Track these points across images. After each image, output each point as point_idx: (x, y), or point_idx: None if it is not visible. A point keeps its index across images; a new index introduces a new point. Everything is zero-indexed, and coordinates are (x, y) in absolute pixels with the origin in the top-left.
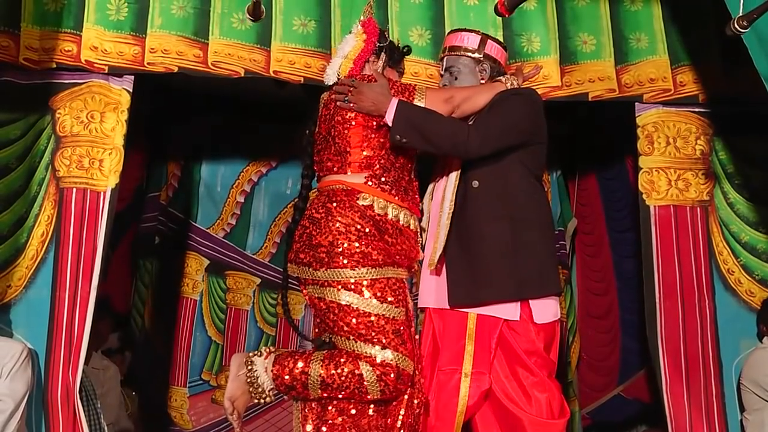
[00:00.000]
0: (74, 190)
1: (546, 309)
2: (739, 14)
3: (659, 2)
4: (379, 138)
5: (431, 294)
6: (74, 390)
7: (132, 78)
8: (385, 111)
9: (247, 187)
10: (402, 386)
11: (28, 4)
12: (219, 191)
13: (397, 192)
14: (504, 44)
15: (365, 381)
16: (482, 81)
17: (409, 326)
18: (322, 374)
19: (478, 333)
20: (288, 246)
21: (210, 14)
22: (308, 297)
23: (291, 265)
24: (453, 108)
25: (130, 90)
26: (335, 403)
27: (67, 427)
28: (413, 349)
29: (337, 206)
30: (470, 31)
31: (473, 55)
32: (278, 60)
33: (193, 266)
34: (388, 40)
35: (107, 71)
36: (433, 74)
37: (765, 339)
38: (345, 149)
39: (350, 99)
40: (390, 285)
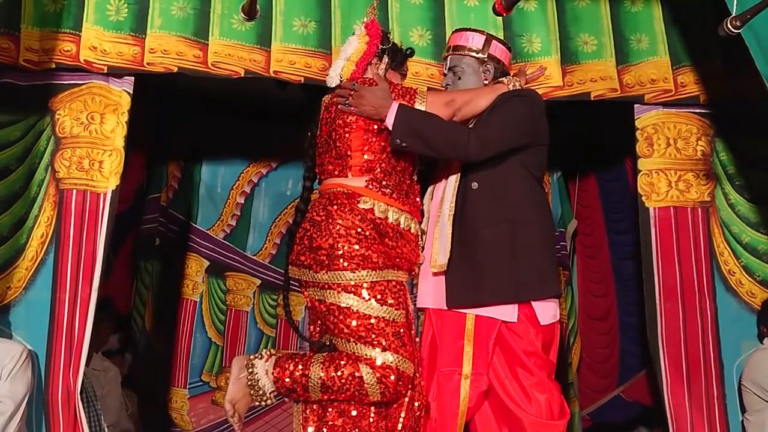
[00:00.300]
0: (74, 192)
1: (545, 311)
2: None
3: (659, 3)
4: (380, 142)
5: (429, 294)
6: (75, 391)
7: (132, 79)
8: (386, 115)
9: (247, 188)
10: (402, 388)
11: (28, 6)
12: (219, 192)
13: (398, 196)
14: (508, 45)
15: (365, 383)
16: (486, 81)
17: (410, 329)
18: (322, 377)
19: (477, 334)
20: (289, 248)
21: (210, 15)
22: (309, 299)
23: (292, 267)
24: (454, 111)
25: (131, 91)
26: (336, 405)
27: (68, 429)
28: (413, 352)
29: (338, 209)
30: (475, 31)
31: (477, 56)
32: (278, 60)
33: (193, 267)
34: (391, 43)
35: (106, 71)
36: (434, 74)
37: (765, 340)
38: (346, 153)
39: (351, 103)
40: (390, 288)
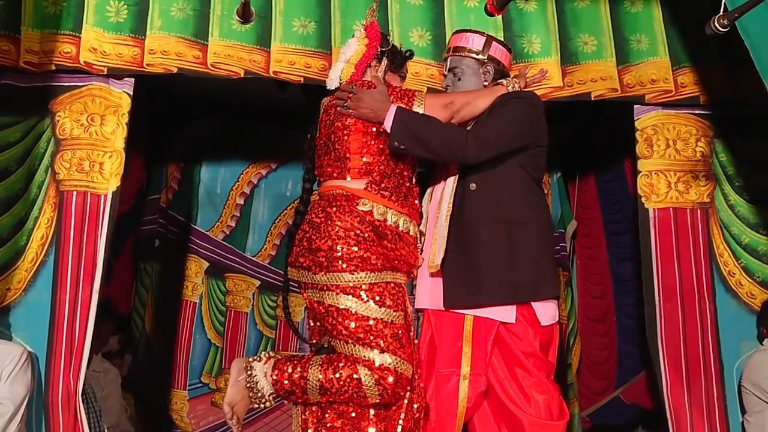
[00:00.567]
0: (74, 193)
1: (545, 312)
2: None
3: (659, 4)
4: (379, 144)
5: (427, 295)
6: (75, 393)
7: (132, 81)
8: (384, 118)
9: (247, 190)
10: (400, 390)
11: (28, 8)
12: (219, 193)
13: (397, 198)
14: (509, 46)
15: (363, 385)
16: (485, 83)
17: (408, 330)
18: (321, 379)
19: (475, 335)
20: (288, 249)
21: (209, 16)
22: (308, 301)
23: (291, 269)
24: (452, 113)
25: (131, 93)
26: (335, 407)
27: (68, 431)
28: (412, 353)
29: (337, 211)
30: (475, 33)
31: (477, 57)
32: (278, 60)
33: (193, 268)
34: (390, 45)
35: (106, 73)
36: (434, 74)
37: (765, 341)
38: (345, 155)
39: (349, 105)
40: (389, 289)
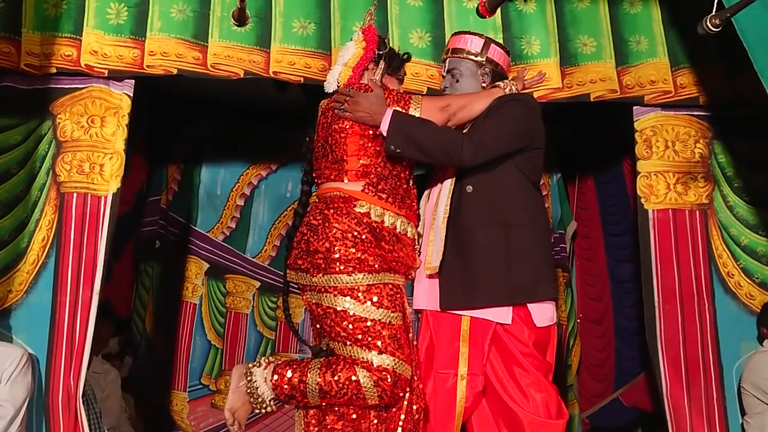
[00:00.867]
0: (75, 195)
1: (541, 313)
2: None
3: (658, 5)
4: (376, 146)
5: (425, 296)
6: (76, 395)
7: (132, 82)
8: (380, 121)
9: (247, 191)
10: (399, 391)
11: (29, 10)
12: (219, 195)
13: (394, 200)
14: (507, 49)
15: (362, 387)
16: (484, 84)
17: (407, 331)
18: (320, 382)
19: (472, 335)
20: (287, 252)
21: (209, 17)
22: (307, 303)
23: (290, 272)
24: (449, 116)
25: (131, 94)
26: (335, 410)
27: None
28: (411, 354)
29: (335, 213)
30: (474, 35)
31: (476, 59)
32: (278, 61)
33: (193, 270)
34: (388, 48)
35: (107, 75)
36: (434, 75)
37: (765, 342)
38: (342, 157)
39: (346, 108)
40: (387, 291)
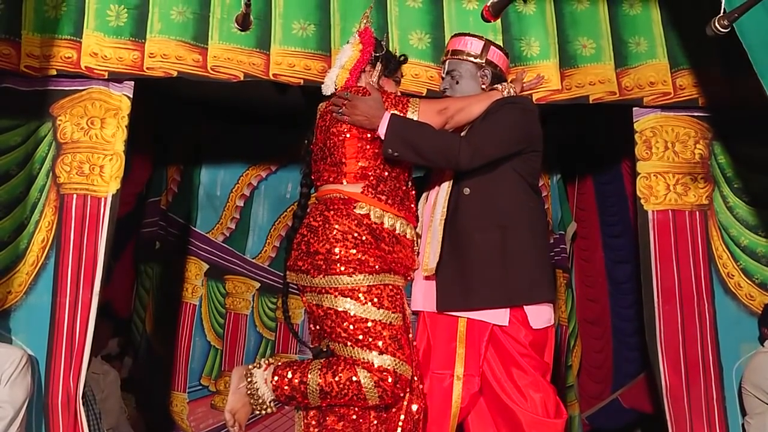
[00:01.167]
0: (74, 197)
1: (538, 315)
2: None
3: (658, 6)
4: (374, 149)
5: (422, 298)
6: (75, 396)
7: (132, 84)
8: (378, 125)
9: (247, 192)
10: (400, 391)
11: (29, 12)
12: (218, 196)
13: (393, 201)
14: (506, 51)
15: (363, 387)
16: (483, 86)
17: (407, 332)
18: (320, 383)
19: (469, 336)
20: (287, 253)
21: (209, 19)
22: (307, 304)
23: (290, 273)
24: (446, 119)
25: (131, 96)
26: (336, 410)
27: None
28: (411, 355)
29: (335, 214)
30: (474, 36)
31: (475, 60)
32: (278, 63)
33: (193, 271)
34: (385, 50)
35: (107, 77)
36: (434, 76)
37: (767, 343)
38: (341, 160)
39: (344, 112)
40: (387, 291)
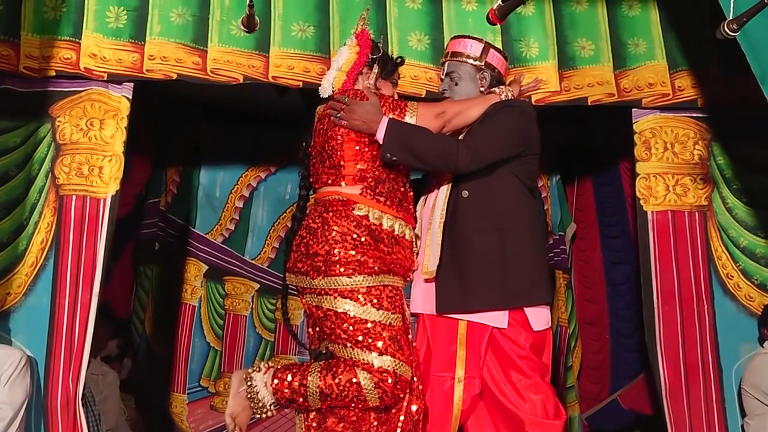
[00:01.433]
0: (74, 198)
1: (538, 317)
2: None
3: (657, 7)
4: (373, 151)
5: (421, 300)
6: (75, 397)
7: (131, 85)
8: (376, 130)
9: (246, 193)
10: (400, 392)
11: (28, 13)
12: (218, 197)
13: (392, 203)
14: (505, 54)
15: (363, 389)
16: (482, 89)
17: (407, 333)
18: (320, 385)
19: (469, 338)
20: (286, 255)
21: (209, 22)
22: (306, 306)
23: (289, 275)
24: (444, 123)
25: (130, 97)
26: (336, 412)
27: None
28: (411, 356)
29: (334, 216)
30: (473, 39)
31: (475, 63)
32: (277, 65)
33: (192, 272)
34: (381, 52)
35: (106, 78)
36: (433, 78)
37: (766, 344)
38: (339, 162)
39: (342, 116)
40: (386, 292)
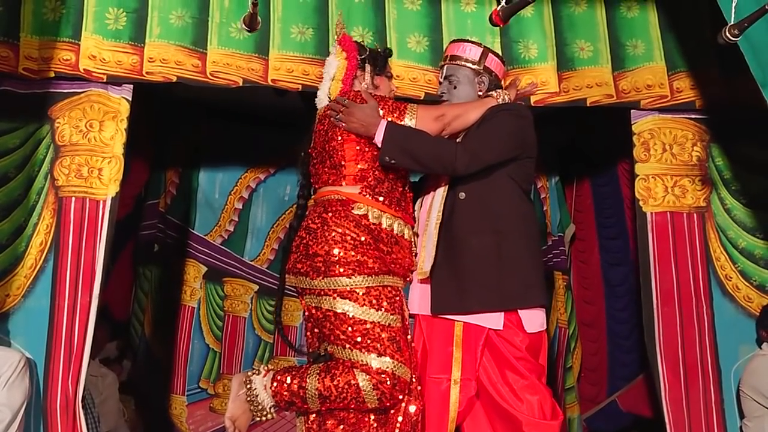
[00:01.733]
0: (73, 199)
1: (532, 319)
2: (731, 22)
3: (655, 9)
4: (373, 151)
5: (417, 301)
6: (74, 399)
7: (131, 87)
8: (374, 133)
9: (245, 194)
10: (399, 393)
11: (27, 14)
12: (217, 198)
13: (391, 202)
14: (503, 58)
15: (362, 390)
16: (480, 92)
17: (406, 334)
18: (319, 387)
19: (465, 340)
20: (285, 257)
21: (208, 24)
22: (306, 307)
23: (289, 276)
24: (443, 126)
25: (129, 99)
26: (335, 414)
27: None
28: (410, 357)
29: (333, 216)
30: (473, 43)
31: (473, 67)
32: (276, 68)
33: (191, 273)
34: (368, 50)
35: (105, 80)
36: (432, 80)
37: (765, 345)
38: (340, 163)
39: (341, 119)
40: (386, 293)
